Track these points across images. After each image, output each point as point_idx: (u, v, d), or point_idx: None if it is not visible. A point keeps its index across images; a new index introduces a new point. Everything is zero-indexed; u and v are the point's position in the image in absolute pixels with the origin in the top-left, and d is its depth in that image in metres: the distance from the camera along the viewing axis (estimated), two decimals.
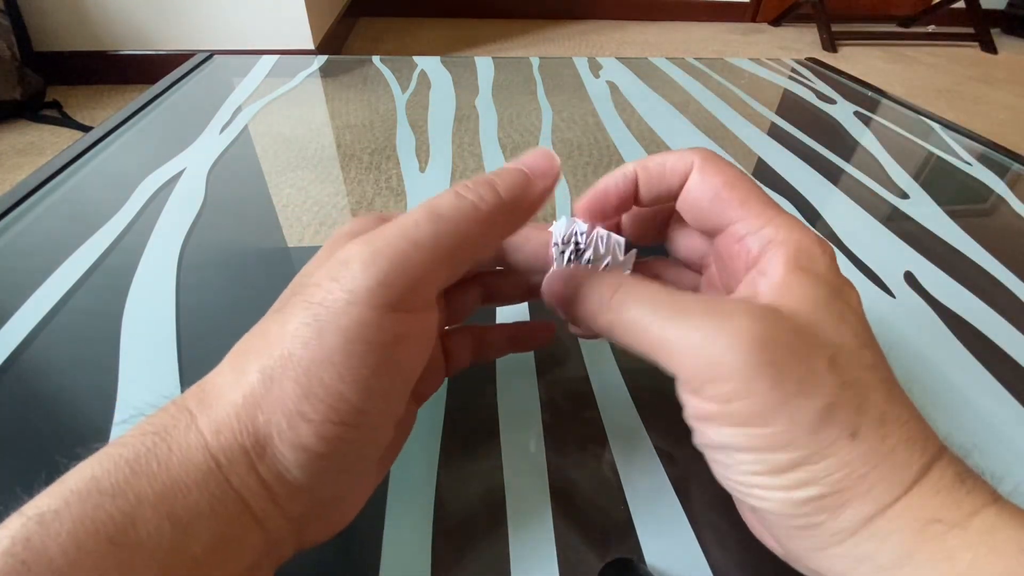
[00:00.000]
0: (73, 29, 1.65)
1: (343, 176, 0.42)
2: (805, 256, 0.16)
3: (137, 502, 0.12)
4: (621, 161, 0.45)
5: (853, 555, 0.14)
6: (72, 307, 0.28)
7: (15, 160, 1.32)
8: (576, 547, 0.19)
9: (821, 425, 0.14)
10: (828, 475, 0.13)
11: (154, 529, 0.11)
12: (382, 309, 0.13)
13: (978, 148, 0.51)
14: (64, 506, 0.11)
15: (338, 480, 0.15)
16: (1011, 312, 0.30)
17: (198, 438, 0.13)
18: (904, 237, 0.37)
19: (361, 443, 0.14)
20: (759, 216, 0.17)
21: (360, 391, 0.13)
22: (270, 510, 0.13)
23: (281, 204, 0.38)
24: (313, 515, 0.15)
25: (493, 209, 0.15)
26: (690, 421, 0.16)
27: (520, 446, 0.22)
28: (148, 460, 0.12)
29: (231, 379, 0.14)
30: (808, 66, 0.72)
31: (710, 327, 0.14)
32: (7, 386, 0.23)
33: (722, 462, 0.15)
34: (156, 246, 0.32)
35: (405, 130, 0.49)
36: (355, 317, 0.13)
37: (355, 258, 0.14)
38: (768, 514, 0.15)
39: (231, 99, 0.53)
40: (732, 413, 0.14)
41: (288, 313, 0.14)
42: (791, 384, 0.14)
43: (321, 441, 0.13)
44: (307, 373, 0.13)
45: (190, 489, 0.12)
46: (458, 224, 0.15)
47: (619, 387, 0.25)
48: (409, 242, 0.14)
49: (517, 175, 0.16)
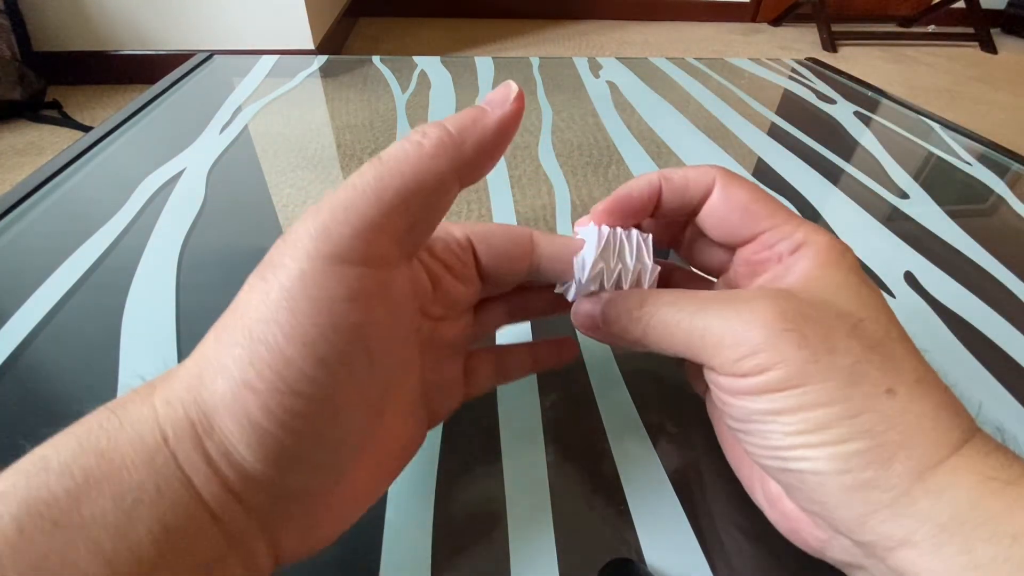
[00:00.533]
0: (73, 29, 1.65)
1: (343, 176, 0.42)
2: (835, 252, 0.17)
3: (84, 481, 0.11)
4: (621, 161, 0.45)
5: (910, 515, 0.13)
6: (72, 307, 0.28)
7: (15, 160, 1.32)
8: (576, 547, 0.19)
9: (853, 380, 0.14)
10: (870, 428, 0.14)
11: (99, 511, 0.11)
12: (325, 260, 0.12)
13: (978, 148, 0.51)
14: (11, 488, 0.11)
15: (299, 469, 0.13)
16: (1011, 312, 0.30)
17: (150, 411, 0.12)
18: (904, 237, 0.37)
19: (320, 422, 0.13)
20: (788, 223, 0.18)
21: (310, 355, 0.12)
22: (224, 499, 0.12)
23: (281, 204, 0.38)
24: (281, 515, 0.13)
25: (438, 142, 0.14)
26: (727, 400, 0.16)
27: (520, 446, 0.22)
28: (98, 436, 0.12)
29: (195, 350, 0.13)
30: (808, 66, 0.72)
31: (731, 312, 0.16)
32: (7, 386, 0.23)
33: (762, 431, 0.15)
34: (156, 246, 0.32)
35: (405, 130, 0.49)
36: (295, 270, 0.12)
37: (303, 219, 0.13)
38: (814, 476, 0.14)
39: (231, 99, 0.53)
40: (768, 381, 0.15)
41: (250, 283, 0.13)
42: (816, 344, 0.14)
43: (268, 414, 0.12)
44: (251, 335, 0.12)
45: (136, 467, 0.11)
46: (400, 163, 0.14)
47: (619, 387, 0.25)
48: (349, 189, 0.13)
49: (468, 110, 0.15)
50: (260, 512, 0.13)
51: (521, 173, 0.43)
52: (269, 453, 0.12)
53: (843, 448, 0.14)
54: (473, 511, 0.20)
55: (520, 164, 0.44)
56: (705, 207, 0.19)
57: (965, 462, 0.14)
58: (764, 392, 0.15)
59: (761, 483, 0.18)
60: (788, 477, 0.15)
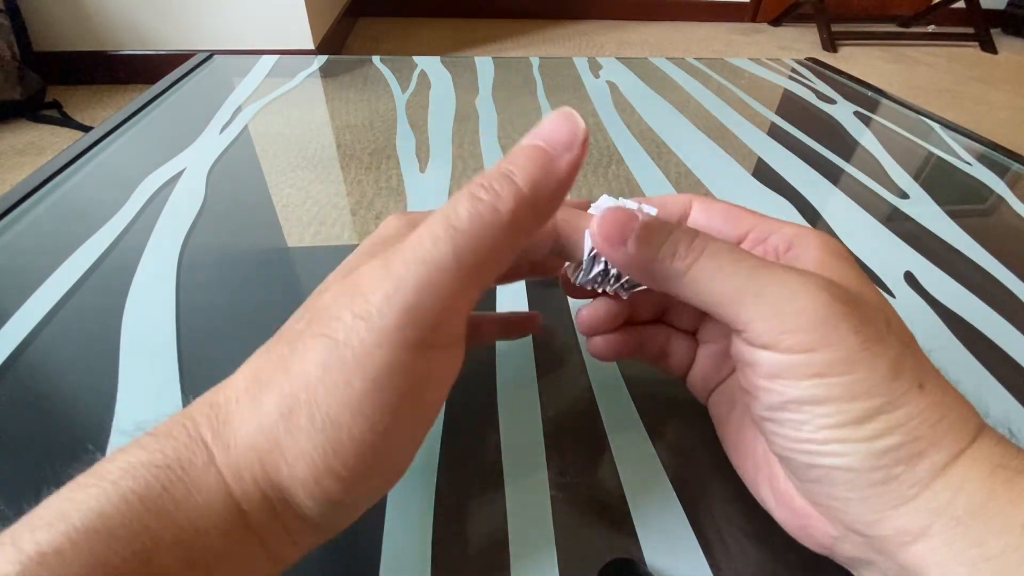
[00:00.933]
0: (73, 29, 1.65)
1: (343, 176, 0.42)
2: (836, 246, 0.17)
3: (153, 545, 0.11)
4: (621, 161, 0.45)
5: (929, 508, 0.13)
6: (72, 307, 0.28)
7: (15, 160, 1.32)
8: (576, 547, 0.19)
9: (895, 374, 0.14)
10: (906, 423, 0.14)
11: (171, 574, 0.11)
12: (412, 350, 0.12)
13: (978, 148, 0.51)
14: (70, 546, 0.10)
15: (355, 516, 0.15)
16: (1011, 312, 0.30)
17: (218, 480, 0.12)
18: (904, 237, 0.37)
19: (383, 484, 0.14)
20: (771, 221, 0.18)
21: (389, 440, 0.13)
22: (286, 545, 0.14)
23: (281, 204, 0.38)
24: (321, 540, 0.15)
25: (516, 207, 0.13)
26: (761, 383, 0.15)
27: (520, 446, 0.22)
28: (164, 500, 0.11)
29: (248, 409, 0.13)
30: (808, 66, 0.72)
31: (794, 280, 0.15)
32: (7, 386, 0.23)
33: (794, 421, 0.15)
34: (156, 246, 0.32)
35: (405, 130, 0.49)
36: (385, 361, 0.12)
37: (375, 289, 0.12)
38: (846, 473, 0.14)
39: (231, 99, 0.53)
40: (813, 363, 0.14)
41: (308, 347, 0.13)
42: (869, 333, 0.14)
43: (347, 493, 0.13)
44: (334, 423, 0.12)
45: (209, 533, 0.12)
46: (480, 234, 0.13)
47: (619, 387, 0.25)
48: (430, 266, 0.12)
49: (535, 155, 0.14)
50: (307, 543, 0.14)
51: None
52: (339, 514, 0.14)
53: (879, 443, 0.14)
54: (473, 511, 0.20)
55: None
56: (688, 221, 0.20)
57: (980, 453, 0.14)
58: (808, 376, 0.14)
59: (769, 481, 0.18)
60: (812, 472, 0.15)
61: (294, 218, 0.36)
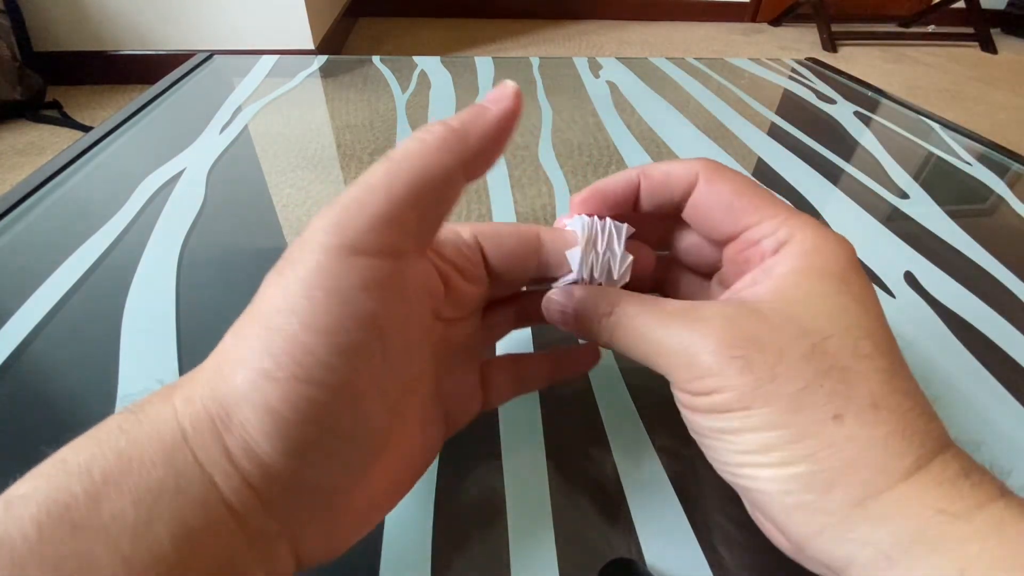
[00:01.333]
0: (73, 29, 1.65)
1: (343, 176, 0.42)
2: (817, 254, 0.17)
3: (102, 481, 0.11)
4: (621, 161, 0.45)
5: (852, 539, 0.13)
6: (72, 307, 0.28)
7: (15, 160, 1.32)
8: (576, 547, 0.19)
9: (799, 407, 0.14)
10: (812, 454, 0.14)
11: (118, 510, 0.11)
12: (339, 251, 0.13)
13: (978, 148, 0.51)
14: (32, 490, 0.11)
15: (318, 462, 0.13)
16: (1011, 312, 0.30)
17: (170, 410, 0.12)
18: (904, 237, 0.37)
19: (339, 412, 0.13)
20: (773, 218, 0.18)
21: (327, 343, 0.12)
22: (244, 495, 0.12)
23: (281, 204, 0.38)
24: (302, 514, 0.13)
25: (442, 137, 0.15)
26: (684, 413, 0.17)
27: (520, 446, 0.22)
28: (117, 436, 0.12)
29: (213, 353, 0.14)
30: (808, 66, 0.72)
31: (686, 332, 0.16)
32: (7, 386, 0.23)
33: (714, 446, 0.16)
34: (156, 246, 0.32)
35: (405, 130, 0.49)
36: (311, 262, 0.13)
37: (316, 217, 0.14)
38: (761, 494, 0.15)
39: (231, 99, 0.53)
40: (716, 403, 0.15)
41: (267, 279, 0.14)
42: (761, 371, 0.15)
43: (287, 403, 0.12)
44: (269, 325, 0.12)
45: (155, 464, 0.11)
46: (407, 159, 0.14)
47: (619, 387, 0.25)
48: (360, 185, 0.14)
49: (469, 107, 0.16)
50: (280, 510, 0.13)
51: (521, 173, 0.43)
52: (289, 443, 0.12)
53: (785, 471, 0.14)
54: (473, 511, 0.20)
55: (520, 164, 0.44)
56: (689, 202, 0.19)
57: (915, 491, 0.13)
58: (715, 412, 0.15)
59: None
60: (741, 491, 0.16)
61: (294, 218, 0.36)
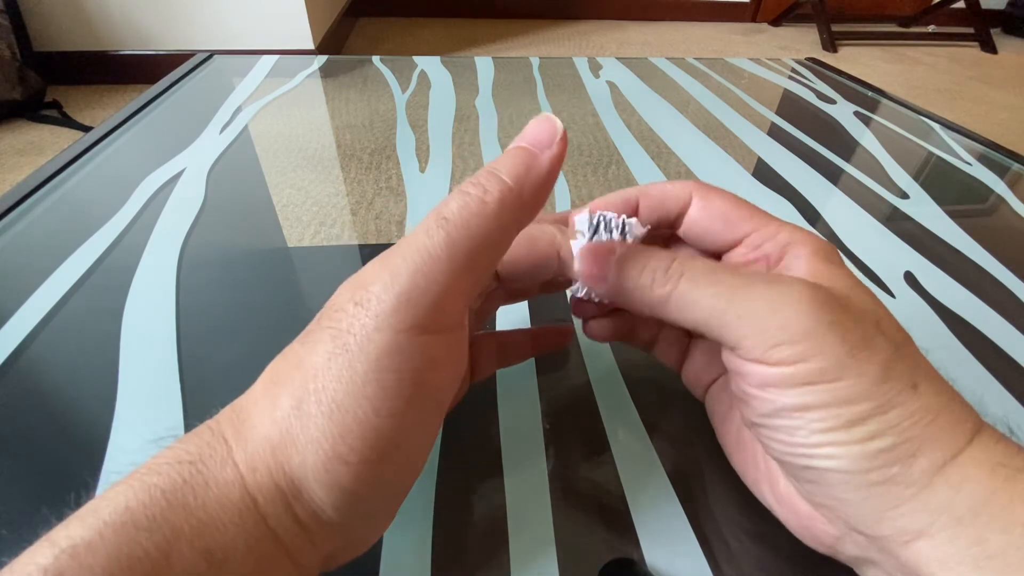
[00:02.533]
0: (73, 29, 1.65)
1: (343, 176, 0.42)
2: (824, 252, 0.17)
3: (173, 537, 0.11)
4: (621, 161, 0.45)
5: (929, 508, 0.14)
6: (72, 307, 0.28)
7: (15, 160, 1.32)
8: (576, 547, 0.19)
9: (885, 376, 0.14)
10: (898, 424, 0.14)
11: (190, 566, 0.11)
12: (410, 332, 0.13)
13: (978, 148, 0.51)
14: (98, 538, 0.11)
15: (373, 515, 0.15)
16: (1011, 312, 0.30)
17: (234, 473, 0.13)
18: (904, 237, 0.37)
19: (397, 477, 0.14)
20: (769, 225, 0.18)
21: (395, 424, 0.13)
22: (305, 547, 0.13)
23: (281, 204, 0.38)
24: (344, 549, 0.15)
25: (501, 197, 0.14)
26: (751, 392, 0.15)
27: (520, 447, 0.22)
28: (184, 493, 0.12)
29: (265, 408, 0.14)
30: (808, 66, 0.72)
31: (775, 294, 0.15)
32: (7, 386, 0.23)
33: (787, 427, 0.15)
34: (156, 246, 0.32)
35: (405, 130, 0.49)
36: (384, 344, 0.13)
37: (374, 280, 0.13)
38: (840, 475, 0.14)
39: (231, 99, 0.53)
40: (803, 372, 0.14)
41: (316, 341, 0.14)
42: (856, 340, 0.14)
43: (359, 482, 0.13)
44: (340, 408, 0.13)
45: (226, 526, 0.12)
46: (468, 223, 0.14)
47: (619, 387, 0.25)
48: (424, 254, 0.13)
49: (518, 154, 0.15)
50: (329, 549, 0.14)
51: None
52: (354, 510, 0.13)
53: (871, 445, 0.14)
54: (473, 512, 0.20)
55: None
56: (686, 218, 0.19)
57: (979, 452, 0.14)
58: (797, 384, 0.14)
59: (769, 482, 0.18)
60: (808, 474, 0.15)
61: (294, 218, 0.36)
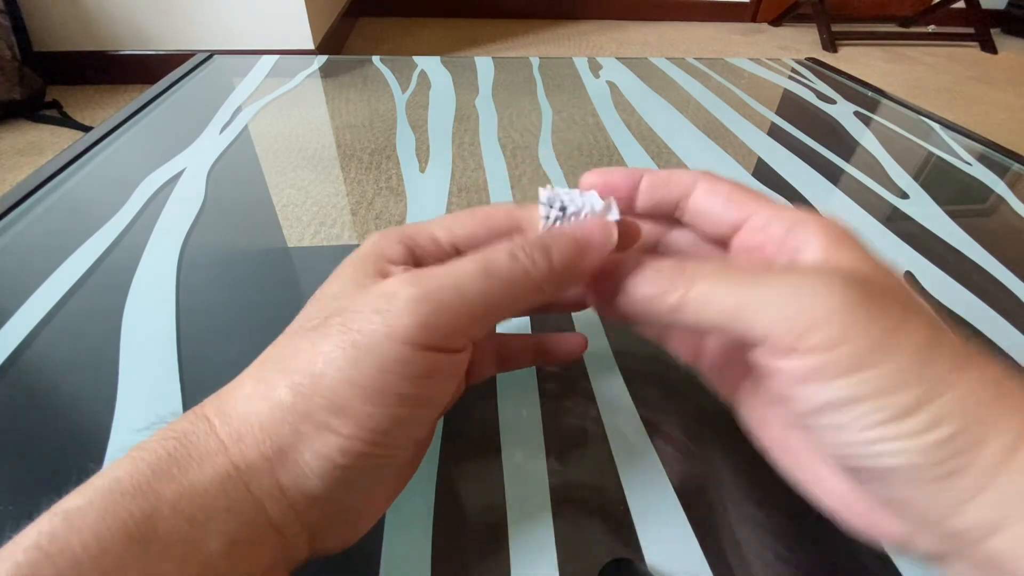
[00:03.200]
0: (73, 29, 1.65)
1: (343, 176, 0.42)
2: (836, 234, 0.16)
3: (157, 502, 0.12)
4: (621, 161, 0.45)
5: (1004, 497, 0.12)
6: (72, 307, 0.28)
7: (15, 160, 1.32)
8: (576, 547, 0.19)
9: (929, 357, 0.13)
10: (953, 408, 0.13)
11: (172, 527, 0.12)
12: (420, 348, 0.14)
13: (978, 148, 0.51)
14: (88, 504, 0.12)
15: (356, 493, 0.15)
16: (1011, 312, 0.30)
17: (217, 444, 0.14)
18: (904, 237, 0.37)
19: (383, 462, 0.15)
20: (772, 206, 0.17)
21: (388, 418, 0.14)
22: (288, 516, 0.14)
23: (281, 204, 0.38)
24: (328, 524, 0.15)
25: (543, 278, 0.16)
26: (791, 390, 0.14)
27: (520, 446, 0.22)
28: (168, 464, 0.13)
29: (253, 391, 0.14)
30: (808, 66, 0.72)
31: (796, 281, 0.14)
32: (7, 386, 0.23)
33: (836, 425, 0.14)
34: (156, 246, 0.32)
35: (405, 130, 0.49)
36: (392, 351, 0.14)
37: (402, 296, 0.14)
38: (902, 472, 0.13)
39: (231, 99, 0.53)
40: (838, 360, 0.13)
41: (324, 334, 0.14)
42: (888, 321, 0.13)
43: (345, 455, 0.14)
44: (337, 392, 0.13)
45: (207, 491, 0.13)
46: (509, 286, 0.15)
47: (619, 387, 0.25)
48: (459, 294, 0.14)
49: (573, 245, 0.16)
50: (313, 523, 0.15)
51: (521, 173, 0.43)
52: (336, 482, 0.14)
53: (928, 437, 0.13)
54: (473, 511, 0.20)
55: (520, 164, 0.44)
56: (690, 202, 0.19)
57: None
58: (835, 376, 0.13)
59: (821, 481, 0.16)
60: (869, 474, 0.14)
61: (294, 218, 0.36)
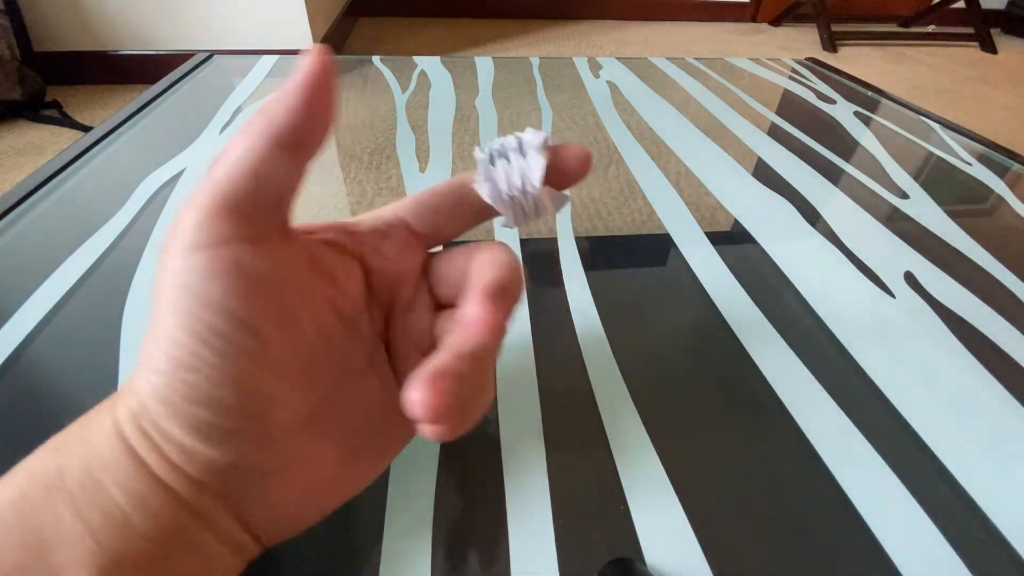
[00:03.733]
0: (73, 29, 1.65)
1: (343, 176, 0.42)
2: None
3: (68, 457, 0.14)
4: (621, 160, 0.45)
5: None
6: (72, 307, 0.28)
7: (15, 160, 1.32)
8: (576, 547, 0.19)
9: None
10: None
11: (76, 475, 0.13)
12: (182, 251, 0.14)
13: (978, 148, 0.51)
14: (25, 463, 0.14)
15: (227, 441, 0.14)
16: (1011, 312, 0.30)
17: (110, 411, 0.14)
18: (904, 237, 0.37)
19: (221, 393, 0.14)
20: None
21: (191, 335, 0.13)
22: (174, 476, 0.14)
23: None
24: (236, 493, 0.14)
25: (250, 124, 0.15)
26: None
27: (520, 446, 0.22)
28: (78, 429, 0.15)
29: None
30: (808, 66, 0.72)
31: None
32: (7, 386, 0.23)
33: None
34: (156, 246, 0.32)
35: (405, 130, 0.49)
36: (169, 268, 0.14)
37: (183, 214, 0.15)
38: None
39: (231, 99, 0.53)
40: None
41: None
42: None
43: (173, 391, 0.13)
44: (154, 328, 0.14)
45: (100, 446, 0.14)
46: (225, 157, 0.15)
47: (619, 387, 0.25)
48: (197, 192, 0.15)
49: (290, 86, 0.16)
50: (214, 490, 0.14)
51: None
52: (193, 428, 0.14)
53: None
54: (473, 511, 0.20)
55: None
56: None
57: None
58: None
59: None
60: None
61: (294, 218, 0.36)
